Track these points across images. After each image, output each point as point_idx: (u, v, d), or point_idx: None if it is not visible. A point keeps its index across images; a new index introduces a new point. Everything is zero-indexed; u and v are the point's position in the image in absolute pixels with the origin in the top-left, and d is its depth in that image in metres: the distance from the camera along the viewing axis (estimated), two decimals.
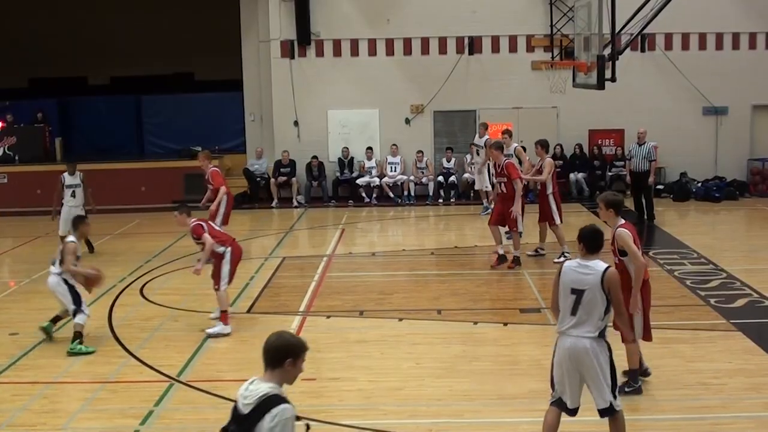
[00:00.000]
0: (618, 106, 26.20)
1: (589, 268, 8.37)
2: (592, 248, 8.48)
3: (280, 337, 5.82)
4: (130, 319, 14.52)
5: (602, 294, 8.26)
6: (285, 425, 5.46)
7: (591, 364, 8.26)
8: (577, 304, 8.30)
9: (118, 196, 26.39)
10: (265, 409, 5.49)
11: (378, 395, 10.73)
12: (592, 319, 8.26)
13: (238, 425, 5.62)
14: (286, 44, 27.48)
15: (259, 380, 5.68)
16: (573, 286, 8.36)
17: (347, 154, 27.49)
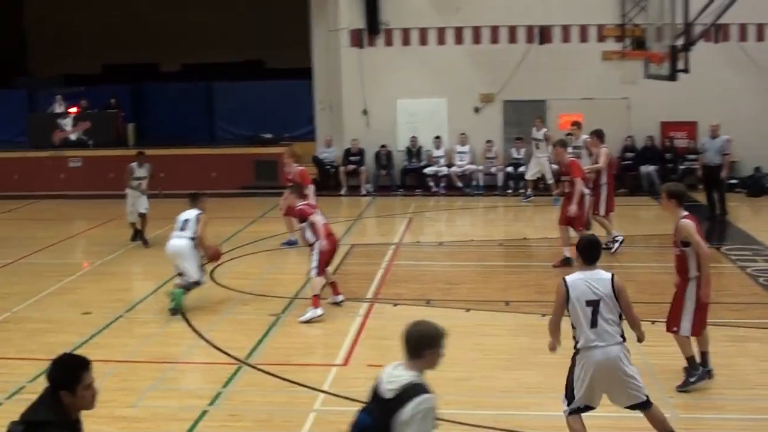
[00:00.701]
0: (691, 98, 25.78)
1: (596, 278, 8.46)
2: (590, 259, 8.59)
3: (418, 328, 5.89)
4: (201, 302, 14.69)
5: (614, 301, 8.37)
6: (426, 415, 5.53)
7: (623, 370, 8.40)
8: (596, 314, 8.35)
9: (188, 182, 26.58)
10: (407, 397, 5.55)
11: (443, 385, 10.61)
12: (612, 326, 8.35)
13: (378, 406, 5.70)
14: (355, 33, 27.53)
15: (403, 367, 5.75)
16: (587, 298, 8.38)
17: (415, 143, 27.47)
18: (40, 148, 29.02)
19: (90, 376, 5.57)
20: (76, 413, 5.58)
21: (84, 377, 5.53)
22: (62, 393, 5.47)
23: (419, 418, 5.49)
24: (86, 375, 5.55)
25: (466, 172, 26.99)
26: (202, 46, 36.07)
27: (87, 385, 5.54)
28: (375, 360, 11.50)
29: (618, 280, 8.46)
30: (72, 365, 5.60)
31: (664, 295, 14.53)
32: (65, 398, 5.47)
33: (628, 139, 26.62)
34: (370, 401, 5.82)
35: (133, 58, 36.49)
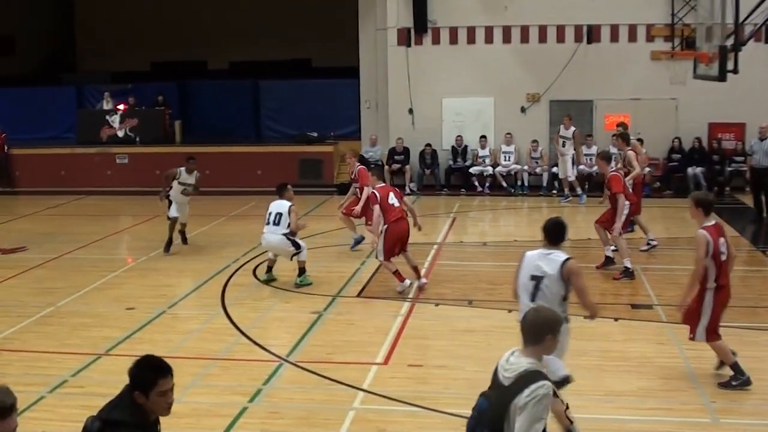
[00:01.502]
0: (739, 99, 25.48)
1: (550, 257, 8.74)
2: (553, 239, 8.94)
3: (538, 314, 6.05)
4: (243, 299, 14.79)
5: (561, 282, 8.63)
6: (540, 400, 5.63)
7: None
8: (537, 290, 8.68)
9: (234, 179, 26.87)
10: (524, 383, 5.67)
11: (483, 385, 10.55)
12: (551, 303, 8.38)
13: (497, 393, 5.84)
14: (402, 32, 27.52)
15: (519, 354, 5.88)
16: (533, 273, 8.74)
17: (461, 142, 27.41)
18: (87, 144, 29.28)
19: (167, 383, 5.46)
20: (153, 415, 5.52)
21: (160, 383, 5.42)
22: (136, 393, 5.42)
23: (533, 404, 5.61)
24: (163, 381, 5.44)
25: (512, 172, 26.89)
26: (250, 44, 36.28)
27: (162, 392, 5.43)
28: (415, 360, 11.51)
29: (571, 264, 8.70)
30: (151, 368, 5.50)
31: None
32: (139, 399, 5.41)
33: (675, 140, 26.37)
34: (490, 387, 5.98)
35: (181, 55, 36.77)
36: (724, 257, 10.44)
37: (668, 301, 14.34)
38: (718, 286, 10.44)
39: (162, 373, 5.47)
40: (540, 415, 5.62)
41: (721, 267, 10.43)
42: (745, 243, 20.01)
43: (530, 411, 5.59)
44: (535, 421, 5.61)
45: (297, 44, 36.05)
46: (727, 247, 10.53)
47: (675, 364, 11.42)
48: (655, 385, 10.68)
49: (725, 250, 10.45)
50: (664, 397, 10.29)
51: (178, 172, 18.68)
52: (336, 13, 32.10)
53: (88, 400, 10.09)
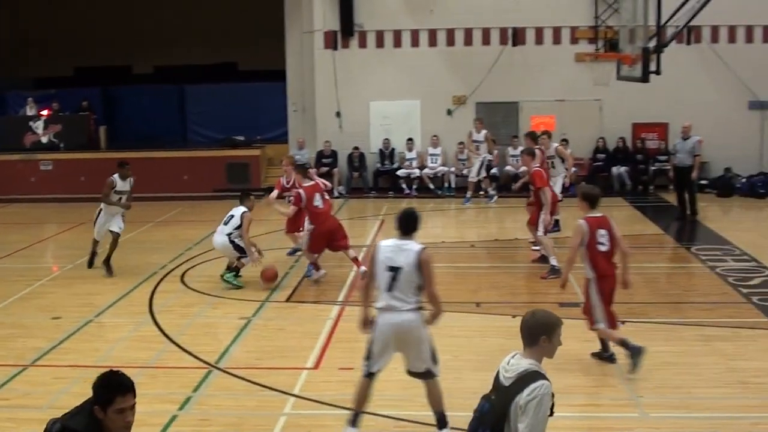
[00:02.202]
0: (662, 100, 25.94)
1: (404, 248, 8.95)
2: (406, 230, 9.15)
3: (533, 317, 6.08)
4: (171, 305, 14.65)
5: (417, 272, 8.83)
6: (542, 399, 5.72)
7: (413, 335, 8.92)
8: (394, 280, 8.85)
9: (160, 185, 26.62)
10: (524, 383, 5.78)
11: (416, 387, 10.68)
12: (408, 294, 8.83)
13: (498, 395, 5.94)
14: (329, 35, 27.51)
15: (520, 356, 5.99)
16: (389, 264, 8.89)
17: (388, 145, 27.49)
18: (10, 151, 28.81)
19: (126, 401, 5.32)
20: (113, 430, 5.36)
21: (118, 401, 5.30)
22: (95, 408, 5.33)
23: (535, 404, 5.70)
24: (121, 399, 5.31)
25: (438, 174, 27.03)
26: (175, 49, 35.94)
27: (119, 410, 5.30)
28: (346, 363, 11.47)
29: (426, 254, 8.92)
30: (109, 385, 5.37)
31: (635, 295, 14.63)
32: (98, 414, 5.31)
33: (599, 140, 26.77)
34: (492, 390, 6.08)
35: (106, 60, 36.29)
36: (603, 248, 10.96)
37: None
38: (599, 276, 10.94)
39: (120, 390, 5.34)
40: (543, 415, 5.75)
41: (598, 257, 10.92)
42: (670, 240, 20.37)
43: (533, 412, 5.70)
44: (538, 422, 5.73)
45: (223, 48, 35.81)
46: (611, 240, 11.02)
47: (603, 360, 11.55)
48: (583, 381, 10.80)
49: (605, 242, 10.96)
50: (593, 394, 10.42)
51: (113, 181, 17.00)
52: (262, 17, 31.91)
53: (13, 413, 9.96)
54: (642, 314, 13.63)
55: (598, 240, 10.93)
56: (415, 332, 8.93)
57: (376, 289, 9.01)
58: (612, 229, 11.14)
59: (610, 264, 11.05)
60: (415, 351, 9.00)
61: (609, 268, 11.01)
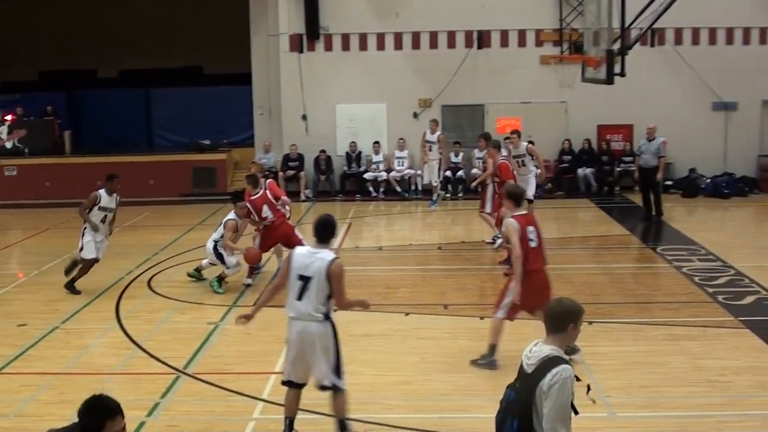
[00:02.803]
0: (627, 102, 26.13)
1: (317, 256, 8.88)
2: (321, 238, 9.05)
3: (560, 304, 6.20)
4: (138, 311, 14.56)
5: (327, 282, 8.78)
6: (564, 384, 5.82)
7: (317, 346, 8.87)
8: (304, 290, 8.84)
9: (126, 189, 26.03)
10: (546, 368, 5.89)
11: (383, 389, 10.74)
12: (316, 303, 8.81)
13: (523, 382, 6.04)
14: (295, 38, 27.47)
15: (542, 343, 6.10)
16: (300, 272, 8.86)
17: (355, 148, 27.48)
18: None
19: (116, 425, 5.09)
20: None
21: (107, 426, 5.05)
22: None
23: (558, 387, 5.80)
24: (111, 423, 5.07)
25: (405, 176, 27.05)
26: (140, 52, 35.71)
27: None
28: None
29: (336, 264, 8.81)
30: (96, 410, 5.10)
31: (602, 296, 14.81)
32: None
33: (565, 142, 26.92)
34: (516, 379, 6.17)
35: (70, 64, 36.01)
36: (533, 244, 11.15)
37: None
38: (527, 271, 11.05)
39: (109, 415, 5.12)
40: (566, 399, 5.83)
41: (529, 253, 11.08)
42: (636, 241, 20.51)
43: (556, 396, 5.80)
44: (561, 405, 5.82)
45: (188, 52, 35.63)
46: (538, 236, 11.25)
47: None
48: None
49: (534, 238, 11.18)
50: None
51: (98, 195, 15.61)
52: (227, 20, 31.80)
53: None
54: (609, 314, 13.70)
55: (528, 236, 11.16)
56: (321, 342, 8.90)
57: (288, 296, 9.01)
58: (539, 226, 11.45)
59: (538, 260, 11.27)
60: (319, 362, 8.93)
61: (537, 264, 11.23)
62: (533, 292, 11.06)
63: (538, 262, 11.22)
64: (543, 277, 11.31)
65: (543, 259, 11.38)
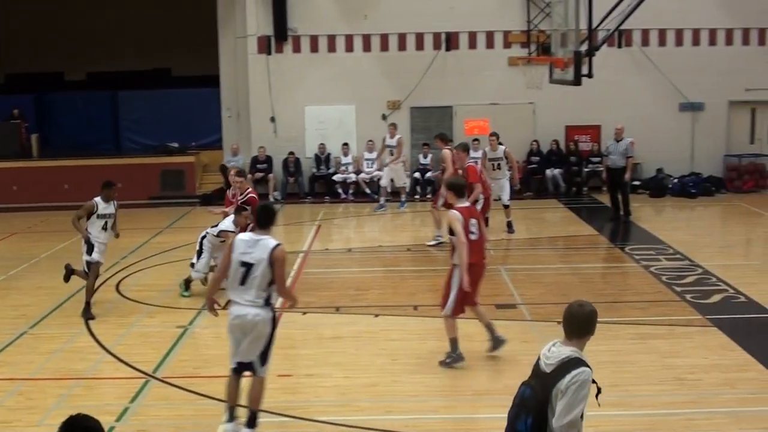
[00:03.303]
0: (595, 102, 26.25)
1: (259, 243, 9.07)
2: (261, 223, 9.28)
3: (583, 309, 6.17)
4: (106, 315, 14.46)
5: (269, 268, 8.98)
6: (582, 385, 5.89)
7: (256, 330, 9.07)
8: (246, 275, 9.03)
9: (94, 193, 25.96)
10: (566, 369, 5.93)
11: (353, 391, 10.74)
12: (258, 289, 9.02)
13: (539, 380, 6.09)
14: (263, 40, 27.40)
15: (561, 343, 6.12)
16: (242, 259, 9.05)
17: (324, 150, 27.44)
18: None
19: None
20: None
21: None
22: None
23: (574, 389, 5.87)
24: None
25: (374, 178, 27.00)
26: (108, 55, 35.52)
27: None
28: (284, 370, 11.43)
29: (279, 250, 9.05)
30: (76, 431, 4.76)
31: (570, 295, 14.76)
32: None
33: (533, 143, 26.99)
34: (531, 376, 6.21)
35: (37, 67, 35.75)
36: (474, 237, 11.29)
37: (532, 300, 14.72)
38: (469, 264, 11.16)
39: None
40: (580, 400, 5.90)
41: (470, 246, 11.19)
42: (604, 241, 20.63)
43: (571, 395, 5.87)
44: (575, 404, 5.88)
45: (156, 54, 35.47)
46: (479, 229, 11.42)
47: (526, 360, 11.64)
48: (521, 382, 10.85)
49: (475, 230, 11.33)
50: None
51: (94, 204, 14.81)
52: (195, 22, 31.66)
53: None
54: None
55: (470, 229, 11.29)
56: (259, 327, 9.08)
57: (230, 282, 9.16)
58: (481, 219, 11.63)
59: (479, 252, 11.42)
60: (252, 343, 9.12)
61: (477, 257, 11.36)
62: (471, 284, 11.28)
63: (478, 255, 11.36)
64: (481, 271, 11.54)
65: (483, 253, 11.57)
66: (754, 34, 27.42)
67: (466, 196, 11.73)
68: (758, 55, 27.32)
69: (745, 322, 13.61)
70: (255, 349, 9.15)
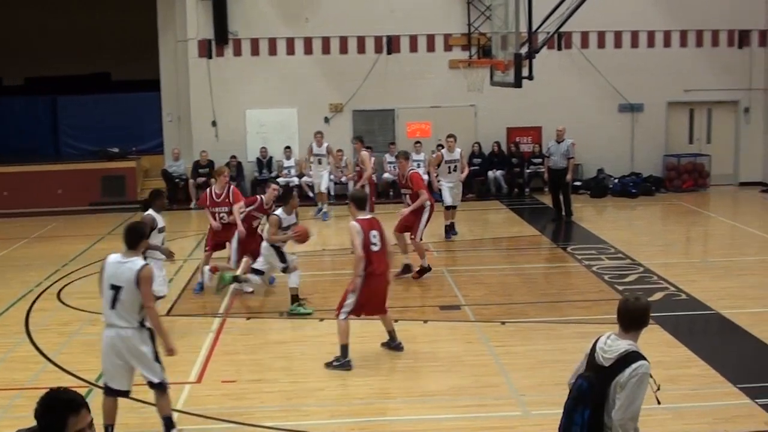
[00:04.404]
0: (536, 104, 26.45)
1: (127, 265, 8.95)
2: (130, 245, 9.10)
3: (639, 302, 6.36)
4: (48, 324, 14.28)
5: (137, 290, 8.86)
6: (641, 379, 6.09)
7: (135, 352, 9.03)
8: (116, 299, 8.92)
9: (34, 199, 25.98)
10: (626, 363, 6.12)
11: (299, 396, 10.71)
12: (130, 311, 8.92)
13: (597, 374, 6.27)
14: (203, 44, 27.23)
15: (616, 336, 6.33)
16: (111, 281, 8.96)
17: (265, 153, 27.32)
18: None
19: (81, 421, 4.45)
20: None
21: (71, 422, 4.42)
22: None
23: (634, 382, 6.07)
24: (74, 419, 4.43)
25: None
26: (46, 59, 35.09)
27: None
28: (229, 375, 11.39)
29: (145, 271, 8.90)
30: (56, 406, 4.47)
31: (514, 296, 14.96)
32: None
33: (475, 145, 27.08)
34: (587, 370, 6.41)
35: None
36: (375, 248, 11.44)
37: (475, 301, 14.77)
38: (368, 274, 11.35)
39: (72, 408, 4.49)
40: (640, 393, 6.10)
41: (371, 257, 11.37)
42: (547, 241, 20.78)
43: (631, 389, 6.06)
44: (636, 398, 6.09)
45: (95, 58, 35.14)
46: (381, 240, 11.53)
47: (485, 361, 11.72)
48: (467, 382, 10.92)
49: (377, 242, 11.47)
50: (476, 394, 10.54)
51: (153, 218, 13.37)
52: (134, 26, 31.41)
53: None
54: (521, 314, 13.87)
55: (371, 240, 11.43)
56: (135, 350, 9.01)
57: (103, 306, 9.08)
58: (382, 230, 11.70)
59: (381, 263, 11.51)
60: (143, 365, 9.13)
61: (380, 267, 11.48)
62: (374, 295, 11.46)
63: (380, 266, 11.48)
64: (384, 280, 11.65)
65: (386, 263, 11.66)
66: (692, 36, 27.81)
67: (367, 209, 11.92)
68: (696, 56, 27.71)
69: (686, 319, 13.79)
70: (152, 369, 9.14)
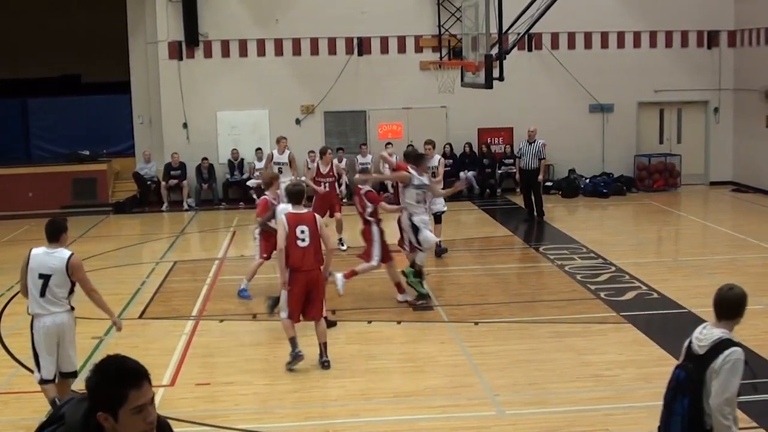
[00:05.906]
0: (507, 105, 26.53)
1: (54, 255, 9.60)
2: (52, 238, 9.70)
3: (733, 291, 6.44)
4: (20, 328, 14.08)
5: (66, 278, 9.56)
6: (735, 365, 6.17)
7: (68, 336, 9.77)
8: (45, 286, 9.53)
9: (4, 203, 25.76)
10: (719, 350, 6.20)
11: (274, 398, 10.69)
12: (60, 297, 9.59)
13: (694, 363, 6.35)
14: (174, 45, 27.13)
15: (711, 326, 6.40)
16: (40, 271, 9.56)
17: (237, 155, 27.25)
18: None
19: (143, 395, 3.82)
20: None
21: (132, 397, 3.78)
22: (100, 415, 3.78)
23: (728, 368, 6.15)
24: (136, 393, 3.79)
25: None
26: (15, 62, 34.80)
27: (136, 408, 3.78)
28: (202, 378, 11.36)
29: (75, 258, 9.64)
30: (116, 377, 3.83)
31: (487, 296, 15.01)
32: (105, 422, 3.79)
33: (446, 146, 27.10)
34: (684, 360, 6.49)
35: None
36: (302, 244, 11.37)
37: (448, 301, 14.82)
38: (292, 270, 11.36)
39: (133, 381, 3.84)
40: (735, 378, 6.17)
41: (295, 252, 11.35)
42: (519, 241, 20.86)
43: (725, 374, 6.15)
44: (730, 383, 6.16)
45: (65, 60, 34.86)
46: (312, 237, 11.39)
47: (459, 361, 11.75)
48: (441, 383, 10.95)
49: (305, 238, 11.36)
50: (451, 394, 10.57)
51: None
52: (104, 28, 31.18)
53: None
54: (495, 314, 13.92)
55: (297, 236, 11.37)
56: (69, 333, 9.74)
57: (30, 295, 9.58)
58: (316, 227, 11.52)
59: (305, 260, 11.39)
60: (69, 350, 9.79)
61: (304, 264, 11.37)
62: (298, 291, 11.40)
63: (305, 263, 11.37)
64: (312, 277, 11.49)
65: (315, 261, 11.51)
66: (662, 37, 27.98)
67: (302, 203, 11.80)
68: (665, 57, 27.88)
69: (658, 318, 13.88)
70: (73, 354, 9.88)
